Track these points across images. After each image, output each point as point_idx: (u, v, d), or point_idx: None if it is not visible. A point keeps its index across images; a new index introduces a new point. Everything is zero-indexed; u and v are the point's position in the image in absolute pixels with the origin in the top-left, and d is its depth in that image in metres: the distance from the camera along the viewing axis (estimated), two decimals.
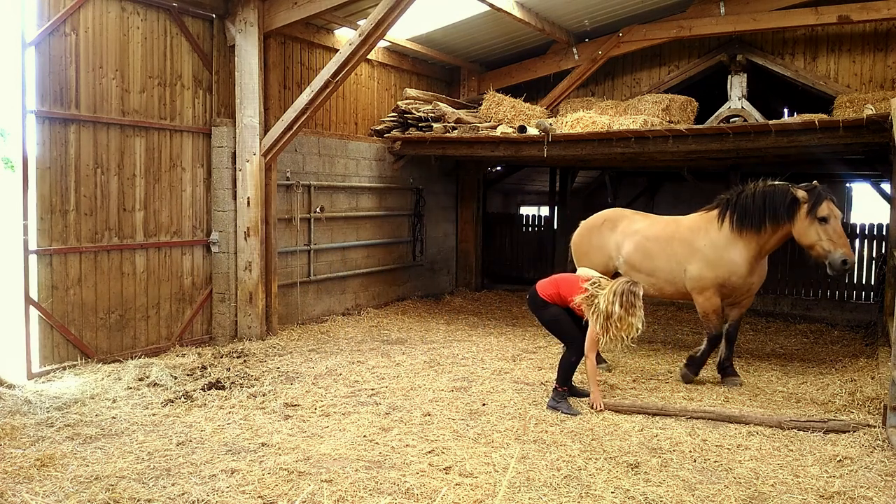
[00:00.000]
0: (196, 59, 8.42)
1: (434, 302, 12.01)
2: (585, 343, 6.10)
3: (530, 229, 15.14)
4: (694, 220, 7.38)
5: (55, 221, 7.07)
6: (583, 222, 8.17)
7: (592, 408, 6.16)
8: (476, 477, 4.65)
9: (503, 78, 12.69)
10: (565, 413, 6.01)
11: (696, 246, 7.12)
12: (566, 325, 6.32)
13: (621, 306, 5.72)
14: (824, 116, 8.86)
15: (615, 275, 7.55)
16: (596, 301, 5.92)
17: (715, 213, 7.15)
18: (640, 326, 5.75)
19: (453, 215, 13.30)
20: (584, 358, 6.22)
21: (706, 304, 7.06)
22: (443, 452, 5.08)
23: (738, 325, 7.32)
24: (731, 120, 10.32)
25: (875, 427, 5.56)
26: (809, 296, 12.24)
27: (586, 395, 6.40)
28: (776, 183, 6.90)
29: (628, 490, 4.49)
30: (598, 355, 7.34)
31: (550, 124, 9.88)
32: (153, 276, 8.03)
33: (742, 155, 9.78)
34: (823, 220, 6.60)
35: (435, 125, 10.63)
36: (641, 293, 5.88)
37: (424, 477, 4.63)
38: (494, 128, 10.56)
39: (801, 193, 6.69)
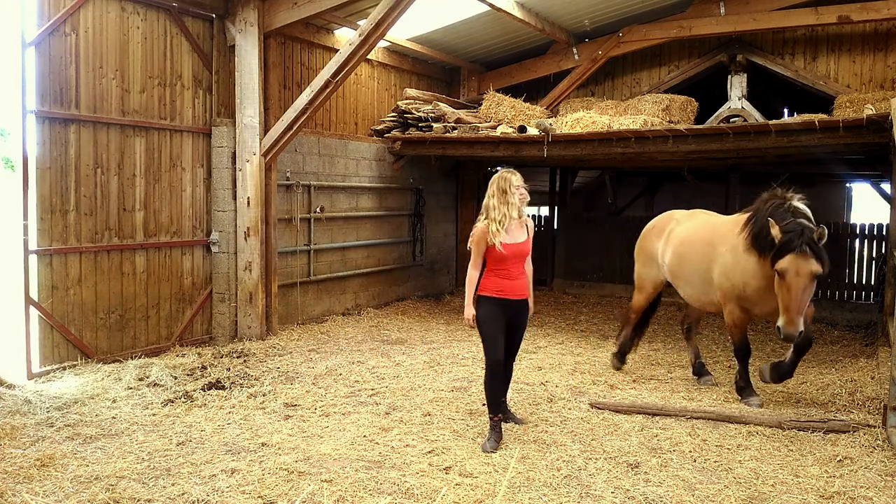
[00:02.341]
0: (196, 59, 8.42)
1: (434, 302, 12.01)
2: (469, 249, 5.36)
3: None
4: (726, 221, 6.63)
5: (55, 221, 7.07)
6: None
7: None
8: (476, 477, 4.65)
9: (503, 78, 12.69)
10: (488, 451, 5.12)
11: (718, 250, 6.42)
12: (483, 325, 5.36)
13: (492, 195, 5.26)
14: (824, 116, 8.86)
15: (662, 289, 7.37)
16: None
17: (746, 217, 6.21)
18: (514, 215, 5.23)
19: (453, 215, 13.30)
20: (500, 374, 5.35)
21: (727, 317, 6.44)
22: (443, 452, 5.08)
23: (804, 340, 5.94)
24: (731, 120, 10.31)
25: (875, 427, 5.56)
26: None
27: (521, 422, 5.73)
28: (795, 204, 5.78)
29: (628, 490, 4.49)
30: (702, 367, 7.18)
31: (550, 124, 9.88)
32: (153, 276, 8.03)
33: (742, 155, 9.78)
34: (779, 274, 5.56)
35: (435, 125, 10.63)
36: (517, 181, 5.26)
37: (424, 477, 4.63)
38: (494, 128, 10.56)
39: (774, 231, 5.62)
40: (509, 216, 5.26)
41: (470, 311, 5.39)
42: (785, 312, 5.57)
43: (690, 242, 6.81)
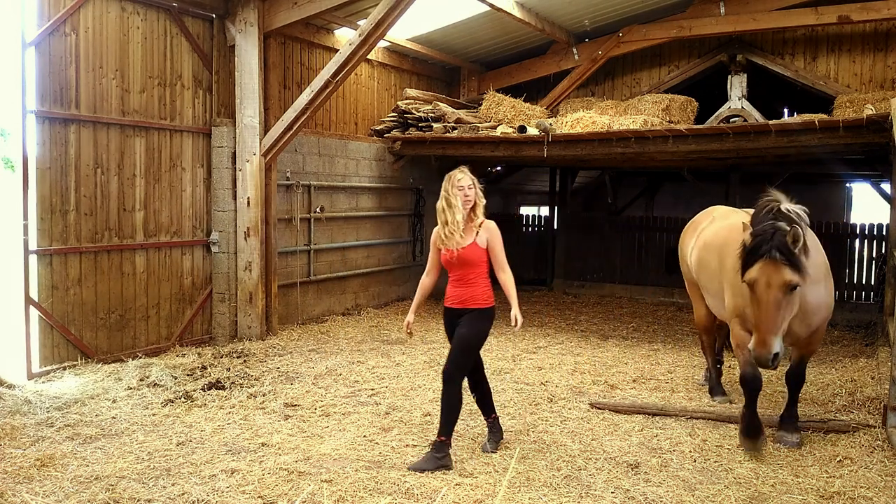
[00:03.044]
0: (196, 59, 8.42)
1: (434, 302, 11.96)
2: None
3: (530, 229, 15.15)
4: (738, 221, 5.32)
5: (55, 221, 7.07)
6: None
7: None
8: (476, 477, 4.65)
9: (503, 78, 12.69)
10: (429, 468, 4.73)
11: (724, 258, 5.56)
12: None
13: (441, 197, 4.98)
14: (824, 116, 8.86)
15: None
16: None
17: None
18: (458, 219, 4.87)
19: None
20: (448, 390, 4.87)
21: (731, 336, 5.60)
22: None
23: (799, 372, 5.51)
24: (731, 120, 10.32)
25: (875, 427, 5.56)
26: None
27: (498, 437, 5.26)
28: (785, 206, 4.88)
29: (628, 490, 4.49)
30: (718, 388, 6.41)
31: (550, 124, 9.88)
32: (153, 276, 8.03)
33: (742, 155, 9.78)
34: (749, 286, 4.77)
35: (435, 125, 10.63)
36: (462, 180, 4.92)
37: (424, 477, 4.62)
38: (494, 128, 10.56)
39: (745, 235, 4.85)
40: (453, 220, 4.88)
41: (410, 317, 5.31)
42: (756, 331, 4.75)
43: (709, 247, 5.99)
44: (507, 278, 5.04)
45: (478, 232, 4.98)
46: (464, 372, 4.96)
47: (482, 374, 5.27)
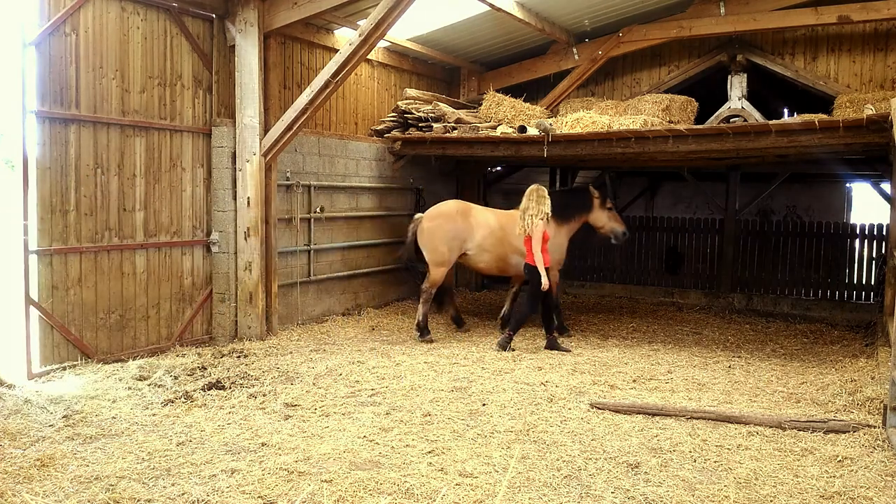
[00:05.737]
0: (196, 59, 8.42)
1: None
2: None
3: None
4: None
5: (55, 221, 7.07)
6: None
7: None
8: (476, 477, 4.65)
9: (503, 78, 12.69)
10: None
11: None
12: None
13: (530, 200, 8.49)
14: (824, 116, 8.86)
15: None
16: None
17: None
18: (546, 210, 8.38)
19: None
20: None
21: None
22: (443, 452, 5.08)
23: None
24: (731, 120, 10.32)
25: (875, 427, 5.57)
26: (809, 296, 12.25)
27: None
28: None
29: (628, 490, 4.49)
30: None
31: (550, 124, 9.88)
32: (153, 276, 8.03)
33: (742, 155, 9.78)
34: None
35: (435, 125, 10.63)
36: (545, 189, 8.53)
37: (424, 477, 4.63)
38: (494, 128, 10.56)
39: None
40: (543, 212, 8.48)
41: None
42: None
43: None
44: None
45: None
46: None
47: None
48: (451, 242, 9.16)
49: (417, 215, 9.62)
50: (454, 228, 9.19)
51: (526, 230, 8.39)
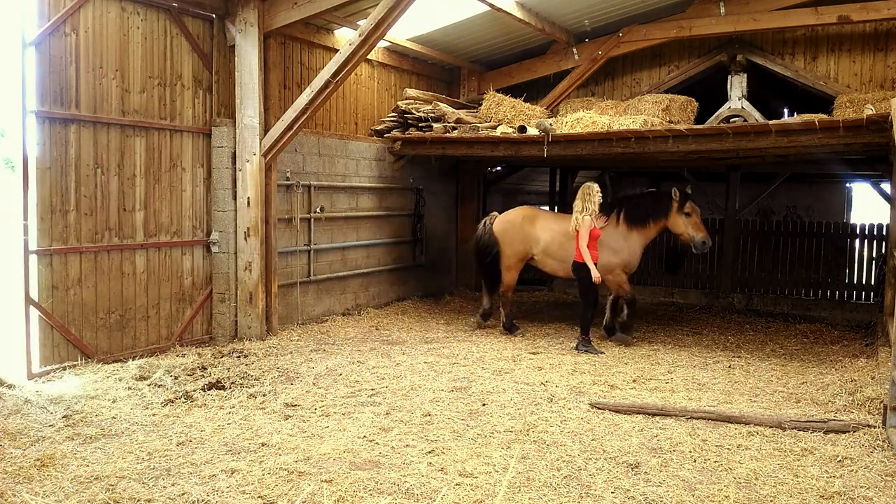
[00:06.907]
0: (196, 59, 8.42)
1: (434, 302, 12.00)
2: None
3: None
4: None
5: (55, 221, 7.07)
6: None
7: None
8: (476, 477, 4.65)
9: (503, 78, 12.69)
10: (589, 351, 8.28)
11: None
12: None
13: (578, 198, 8.67)
14: (824, 116, 8.86)
15: None
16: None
17: None
18: (593, 207, 8.54)
19: (453, 215, 13.29)
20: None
21: None
22: (443, 452, 5.08)
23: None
24: (731, 120, 10.32)
25: (875, 427, 5.57)
26: (809, 296, 12.25)
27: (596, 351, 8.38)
28: None
29: (628, 490, 4.49)
30: None
31: (550, 124, 9.88)
32: (153, 276, 8.03)
33: (742, 155, 9.78)
34: None
35: (435, 125, 10.63)
36: (596, 187, 8.68)
37: (424, 477, 4.63)
38: (494, 128, 10.56)
39: None
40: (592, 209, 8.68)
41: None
42: None
43: None
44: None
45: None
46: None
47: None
48: (517, 247, 9.47)
49: (493, 213, 10.01)
50: (518, 235, 9.48)
51: (574, 226, 8.50)
